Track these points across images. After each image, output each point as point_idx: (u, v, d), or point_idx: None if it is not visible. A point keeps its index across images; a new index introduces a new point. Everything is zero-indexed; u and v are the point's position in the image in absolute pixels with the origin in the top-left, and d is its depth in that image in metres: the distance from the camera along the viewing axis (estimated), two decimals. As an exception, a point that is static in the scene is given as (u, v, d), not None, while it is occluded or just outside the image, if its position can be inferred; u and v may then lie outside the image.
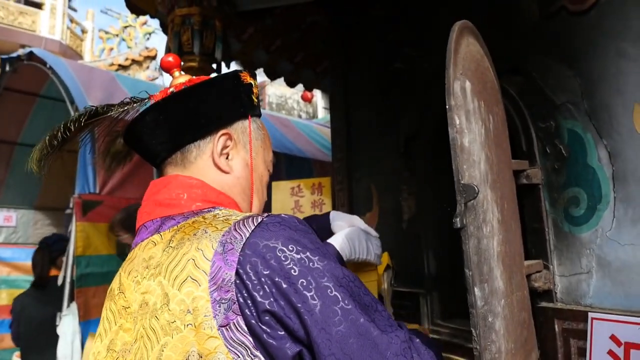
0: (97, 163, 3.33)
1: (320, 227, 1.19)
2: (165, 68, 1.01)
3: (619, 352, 1.01)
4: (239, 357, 0.67)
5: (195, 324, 0.68)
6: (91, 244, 3.19)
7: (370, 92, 2.25)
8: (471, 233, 0.87)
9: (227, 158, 0.93)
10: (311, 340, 0.68)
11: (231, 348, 0.67)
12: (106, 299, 0.90)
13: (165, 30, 3.07)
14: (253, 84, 1.00)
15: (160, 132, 0.91)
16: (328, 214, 1.24)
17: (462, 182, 0.86)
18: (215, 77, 1.00)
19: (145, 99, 0.98)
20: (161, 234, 0.82)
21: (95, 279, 3.17)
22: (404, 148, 1.95)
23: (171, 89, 0.96)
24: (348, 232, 1.12)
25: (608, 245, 1.14)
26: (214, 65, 2.89)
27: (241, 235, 0.73)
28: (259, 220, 0.75)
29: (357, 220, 1.21)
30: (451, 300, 1.78)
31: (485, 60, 1.13)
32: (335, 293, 0.70)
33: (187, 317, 0.69)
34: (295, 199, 2.60)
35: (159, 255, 0.78)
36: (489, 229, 0.95)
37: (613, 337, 1.04)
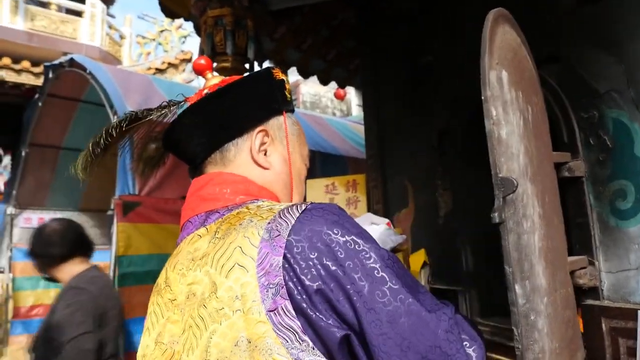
0: (132, 167, 3.42)
1: None
2: (197, 71, 1.02)
3: (673, 352, 0.96)
4: (287, 341, 0.68)
5: (244, 309, 0.69)
6: (132, 244, 3.28)
7: (401, 88, 2.22)
8: (510, 228, 0.84)
9: (265, 154, 0.94)
10: (360, 321, 0.68)
11: (279, 332, 0.68)
12: (152, 294, 0.92)
13: (198, 32, 3.12)
14: (285, 80, 1.00)
15: (198, 133, 0.93)
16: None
17: (500, 175, 0.83)
18: (248, 75, 1.00)
19: (182, 101, 1.00)
20: (207, 227, 0.84)
21: (137, 278, 3.25)
22: (437, 143, 1.91)
23: (205, 91, 0.97)
24: (381, 233, 1.12)
25: (658, 240, 1.08)
26: (247, 65, 2.92)
27: (287, 222, 0.74)
28: (303, 208, 0.76)
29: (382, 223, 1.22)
30: (490, 298, 1.73)
31: (523, 48, 1.08)
32: (382, 274, 0.70)
33: (236, 304, 0.70)
34: (330, 196, 2.59)
35: (205, 247, 0.80)
36: (529, 224, 0.91)
37: (666, 337, 0.98)
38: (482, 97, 0.85)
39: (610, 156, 1.19)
